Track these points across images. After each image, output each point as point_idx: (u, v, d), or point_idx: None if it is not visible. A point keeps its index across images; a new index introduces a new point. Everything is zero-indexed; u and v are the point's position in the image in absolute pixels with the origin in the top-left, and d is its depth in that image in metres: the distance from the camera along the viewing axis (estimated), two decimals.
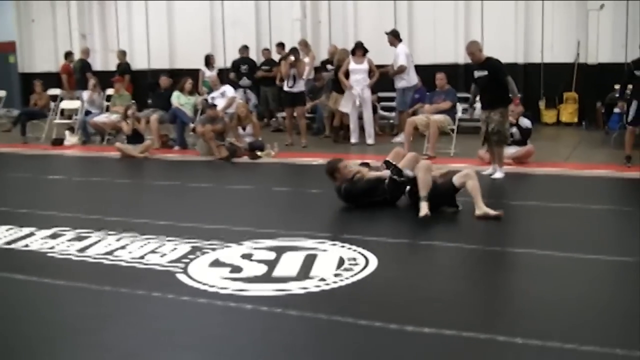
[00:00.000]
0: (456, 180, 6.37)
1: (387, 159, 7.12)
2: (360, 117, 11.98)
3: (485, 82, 8.17)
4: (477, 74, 8.28)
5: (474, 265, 5.12)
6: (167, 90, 12.58)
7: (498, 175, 8.26)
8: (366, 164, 7.24)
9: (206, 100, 12.36)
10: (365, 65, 11.61)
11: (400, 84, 11.81)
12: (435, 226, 6.17)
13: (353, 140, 11.83)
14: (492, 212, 6.26)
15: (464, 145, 10.47)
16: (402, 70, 11.67)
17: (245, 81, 14.10)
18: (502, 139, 8.27)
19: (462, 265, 5.19)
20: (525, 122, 9.58)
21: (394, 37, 11.96)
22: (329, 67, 12.66)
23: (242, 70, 14.14)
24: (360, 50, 11.66)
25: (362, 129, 11.94)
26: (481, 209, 6.32)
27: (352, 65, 11.61)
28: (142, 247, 5.59)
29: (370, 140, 11.65)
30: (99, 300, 4.47)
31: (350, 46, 12.54)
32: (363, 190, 6.68)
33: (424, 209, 6.14)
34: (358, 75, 11.58)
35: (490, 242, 5.65)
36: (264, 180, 8.91)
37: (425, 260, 5.28)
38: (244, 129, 11.09)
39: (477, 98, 8.84)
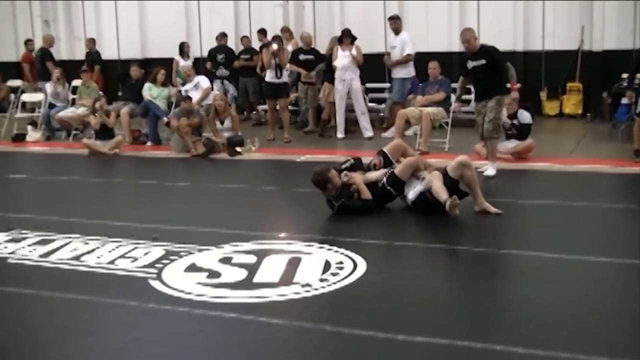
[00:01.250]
0: (452, 171, 6.36)
1: (385, 150, 7.10)
2: (350, 110, 12.02)
3: (481, 71, 8.17)
4: (472, 64, 8.26)
5: (469, 268, 5.13)
6: (138, 82, 12.55)
7: (490, 172, 8.18)
8: (359, 161, 7.16)
9: (180, 92, 12.33)
10: (354, 54, 11.60)
11: (400, 73, 11.82)
12: (428, 227, 6.19)
13: (339, 135, 11.87)
14: (492, 209, 6.37)
15: (460, 139, 10.50)
16: (409, 59, 11.67)
17: (222, 71, 14.05)
18: (495, 129, 8.27)
19: (456, 268, 5.20)
20: (525, 116, 9.61)
21: (400, 22, 11.94)
22: (302, 57, 12.59)
23: (219, 60, 14.09)
24: (347, 38, 11.66)
25: (351, 123, 11.99)
26: (481, 205, 6.39)
27: (340, 54, 11.62)
28: (111, 252, 5.57)
29: (369, 134, 11.69)
30: (63, 309, 4.43)
31: (336, 33, 12.53)
32: (359, 208, 6.63)
33: (451, 202, 6.07)
34: (346, 65, 11.58)
35: (487, 244, 5.67)
36: (244, 178, 8.89)
37: (417, 264, 5.27)
38: (222, 122, 11.07)
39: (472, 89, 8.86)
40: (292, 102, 13.02)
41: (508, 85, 8.62)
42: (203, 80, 12.61)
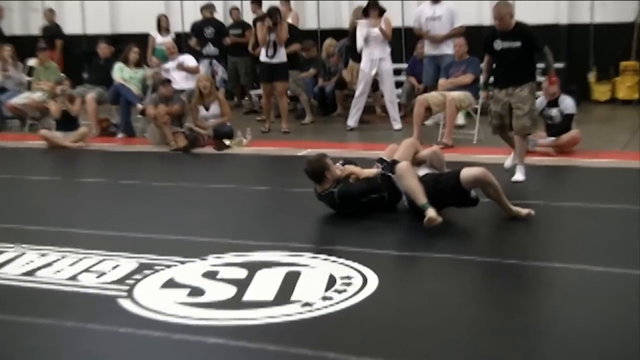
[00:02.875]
0: (466, 181, 6.33)
1: (383, 157, 7.15)
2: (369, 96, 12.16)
3: (514, 55, 8.05)
4: (502, 44, 8.08)
5: (498, 284, 5.13)
6: (107, 62, 12.59)
7: (518, 176, 8.03)
8: (351, 163, 7.20)
9: (158, 74, 12.32)
10: (382, 27, 11.57)
11: (447, 49, 11.75)
12: (448, 235, 6.18)
13: (350, 123, 11.91)
14: (522, 211, 6.43)
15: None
16: (461, 31, 11.68)
17: (211, 49, 14.00)
18: (535, 123, 8.21)
19: (481, 284, 5.21)
20: (567, 104, 9.55)
21: None
22: None
23: (207, 35, 14.01)
24: (374, 9, 11.63)
25: (364, 111, 12.15)
26: (509, 212, 6.46)
27: (366, 30, 11.63)
28: (73, 265, 5.55)
29: (397, 125, 11.70)
30: (15, 334, 4.40)
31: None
32: (363, 189, 6.69)
33: (429, 214, 6.12)
34: (373, 43, 11.62)
35: (517, 255, 5.64)
36: (234, 177, 8.90)
37: (436, 278, 5.27)
38: (207, 108, 11.07)
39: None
40: None
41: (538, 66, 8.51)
42: (188, 59, 12.66)
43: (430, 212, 6.11)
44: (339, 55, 12.96)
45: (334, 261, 5.45)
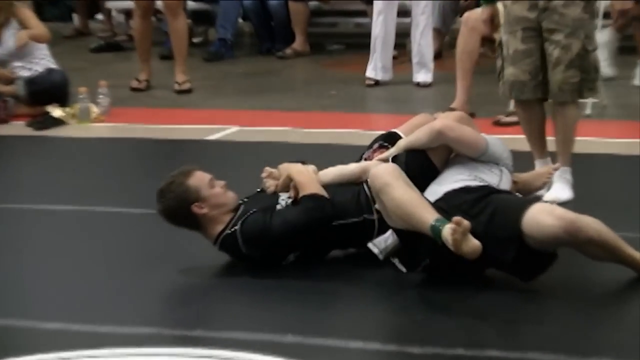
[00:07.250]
0: (535, 239, 6.33)
1: (397, 131, 7.47)
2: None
3: None
4: None
5: None
6: None
7: (559, 192, 8.12)
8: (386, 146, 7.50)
9: None
10: None
11: None
12: (490, 310, 6.18)
13: (369, 73, 12.89)
14: None
15: (621, 87, 10.77)
16: None
17: None
18: (588, 80, 8.05)
19: None
20: None
21: None
22: None
23: None
24: None
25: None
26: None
27: None
28: None
29: (423, 77, 12.74)
30: None
31: None
32: (302, 225, 6.78)
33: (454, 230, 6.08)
34: None
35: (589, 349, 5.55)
36: (70, 188, 8.85)
37: None
38: None
39: None
40: None
41: None
42: None
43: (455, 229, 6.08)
44: None
45: None
